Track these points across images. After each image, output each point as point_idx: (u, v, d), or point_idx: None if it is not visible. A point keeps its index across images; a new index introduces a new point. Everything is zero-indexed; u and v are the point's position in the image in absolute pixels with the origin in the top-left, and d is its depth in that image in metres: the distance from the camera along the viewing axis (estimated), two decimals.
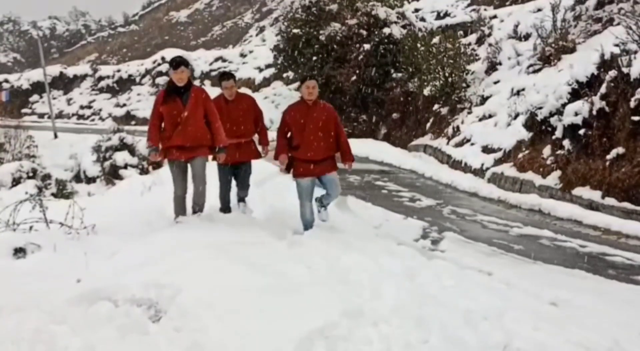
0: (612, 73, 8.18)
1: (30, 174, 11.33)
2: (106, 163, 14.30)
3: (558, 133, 8.89)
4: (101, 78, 35.42)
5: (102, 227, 5.06)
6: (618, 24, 9.55)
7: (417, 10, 21.61)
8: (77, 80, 36.58)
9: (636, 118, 7.53)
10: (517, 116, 10.54)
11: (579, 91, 8.77)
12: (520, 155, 9.74)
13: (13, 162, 12.59)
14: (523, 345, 3.11)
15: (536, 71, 11.35)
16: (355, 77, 17.48)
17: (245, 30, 49.51)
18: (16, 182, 11.01)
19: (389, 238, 6.03)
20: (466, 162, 11.15)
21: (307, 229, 5.69)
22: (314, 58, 18.61)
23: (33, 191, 9.00)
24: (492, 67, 13.74)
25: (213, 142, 5.46)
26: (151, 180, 8.38)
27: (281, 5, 35.65)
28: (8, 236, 4.59)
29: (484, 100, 12.67)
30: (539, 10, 13.51)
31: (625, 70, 7.98)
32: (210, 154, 5.55)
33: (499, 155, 10.40)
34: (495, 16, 16.47)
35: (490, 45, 14.21)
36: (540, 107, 9.44)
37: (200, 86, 5.85)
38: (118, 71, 35.23)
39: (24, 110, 34.82)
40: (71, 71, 37.77)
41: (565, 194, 8.24)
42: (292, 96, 20.70)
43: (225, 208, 6.06)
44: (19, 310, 3.20)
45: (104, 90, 34.84)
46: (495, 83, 12.98)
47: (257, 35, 43.17)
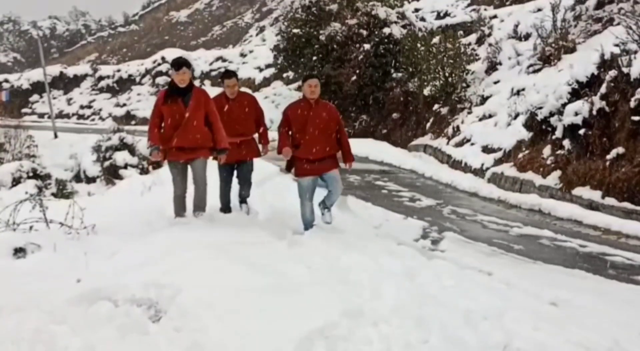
0: (612, 73, 8.18)
1: (30, 174, 11.33)
2: (106, 163, 14.29)
3: (558, 133, 8.89)
4: (101, 78, 35.42)
5: (102, 227, 5.05)
6: (618, 24, 9.55)
7: (417, 10, 21.63)
8: (77, 80, 36.56)
9: (636, 118, 7.53)
10: (517, 116, 10.54)
11: (579, 91, 8.77)
12: (520, 155, 9.74)
13: (13, 162, 12.59)
14: (523, 345, 3.11)
15: (536, 71, 11.35)
16: (355, 77, 17.47)
17: (245, 30, 49.51)
18: (16, 182, 11.01)
19: (389, 238, 6.03)
20: (466, 162, 11.15)
21: (307, 229, 5.70)
22: (314, 58, 18.61)
23: (33, 191, 9.01)
24: (492, 67, 13.75)
25: (214, 144, 5.46)
26: (151, 180, 8.36)
27: (281, 5, 35.69)
28: (8, 236, 4.58)
29: (484, 100, 12.67)
30: (539, 10, 13.52)
31: (625, 70, 7.98)
32: (210, 155, 5.55)
33: (499, 155, 10.40)
34: (495, 16, 16.48)
35: (490, 45, 14.21)
36: (540, 107, 9.44)
37: (200, 87, 5.85)
38: (118, 71, 35.23)
39: (24, 110, 34.82)
40: (71, 71, 37.74)
41: (565, 194, 8.24)
42: (292, 96, 20.70)
43: (225, 208, 6.06)
44: (19, 310, 3.20)
45: (104, 90, 34.83)
46: (495, 83, 12.98)
47: (257, 35, 43.18)
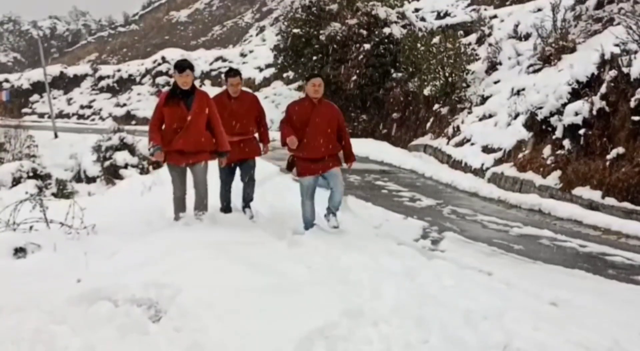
0: (612, 73, 8.18)
1: (30, 174, 11.33)
2: (106, 163, 14.29)
3: (558, 133, 8.89)
4: (101, 78, 35.42)
5: (102, 227, 5.06)
6: (618, 24, 9.54)
7: (417, 10, 21.63)
8: (77, 80, 36.55)
9: (636, 118, 7.53)
10: (517, 116, 10.54)
11: (579, 91, 8.77)
12: (520, 155, 9.73)
13: (13, 162, 12.59)
14: (523, 345, 3.11)
15: (536, 71, 11.34)
16: (355, 77, 17.47)
17: (245, 30, 49.54)
18: (16, 182, 11.02)
19: (389, 238, 6.02)
20: (466, 162, 11.15)
21: (308, 228, 5.70)
22: (314, 58, 18.61)
23: (33, 191, 9.02)
24: (492, 67, 13.74)
25: (214, 147, 5.46)
26: (151, 180, 8.37)
27: (281, 5, 35.71)
28: (8, 236, 4.59)
29: (484, 100, 12.67)
30: (539, 10, 13.51)
31: (625, 70, 7.97)
32: (211, 159, 5.55)
33: (499, 155, 10.39)
34: (495, 16, 16.47)
35: (490, 45, 14.21)
36: (540, 107, 9.43)
37: (200, 87, 5.85)
38: (118, 71, 35.23)
39: (24, 109, 34.88)
40: (71, 71, 37.75)
41: (565, 194, 8.24)
42: (292, 96, 20.69)
43: (225, 207, 6.06)
44: (19, 310, 3.20)
45: (104, 90, 34.84)
46: (495, 83, 12.98)
47: (257, 35, 43.21)
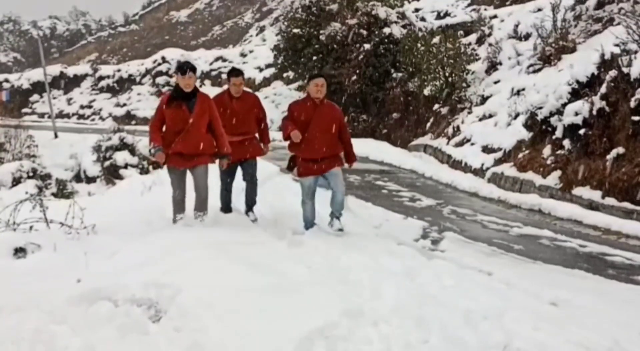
0: (612, 73, 8.18)
1: (30, 174, 11.32)
2: (106, 163, 14.27)
3: (558, 133, 8.89)
4: (101, 78, 35.37)
5: (102, 227, 5.05)
6: (618, 24, 9.55)
7: (417, 10, 21.63)
8: (77, 80, 36.54)
9: (636, 118, 7.53)
10: (517, 116, 10.54)
11: (579, 91, 8.77)
12: (520, 155, 9.73)
13: (13, 162, 12.57)
14: (523, 345, 3.11)
15: (536, 71, 11.35)
16: (355, 77, 17.47)
17: (245, 30, 49.50)
18: (16, 182, 11.00)
19: (389, 238, 6.02)
20: (466, 162, 11.15)
21: (308, 228, 5.70)
22: (314, 58, 18.61)
23: (33, 191, 9.00)
24: (492, 67, 13.75)
25: (215, 150, 5.46)
26: (151, 180, 8.36)
27: (281, 5, 35.69)
28: (8, 236, 4.58)
29: (484, 100, 12.67)
30: (539, 10, 13.52)
31: (625, 70, 7.97)
32: (211, 162, 5.54)
33: (499, 155, 10.39)
34: (495, 16, 16.48)
35: (490, 45, 14.21)
36: (540, 107, 9.43)
37: (200, 88, 5.83)
38: (118, 71, 35.19)
39: (24, 109, 34.82)
40: (71, 71, 37.69)
41: (565, 194, 8.24)
42: (292, 96, 20.68)
43: (225, 208, 6.06)
44: (19, 310, 3.20)
45: (104, 89, 34.79)
46: (495, 83, 12.98)
47: (257, 35, 43.18)
